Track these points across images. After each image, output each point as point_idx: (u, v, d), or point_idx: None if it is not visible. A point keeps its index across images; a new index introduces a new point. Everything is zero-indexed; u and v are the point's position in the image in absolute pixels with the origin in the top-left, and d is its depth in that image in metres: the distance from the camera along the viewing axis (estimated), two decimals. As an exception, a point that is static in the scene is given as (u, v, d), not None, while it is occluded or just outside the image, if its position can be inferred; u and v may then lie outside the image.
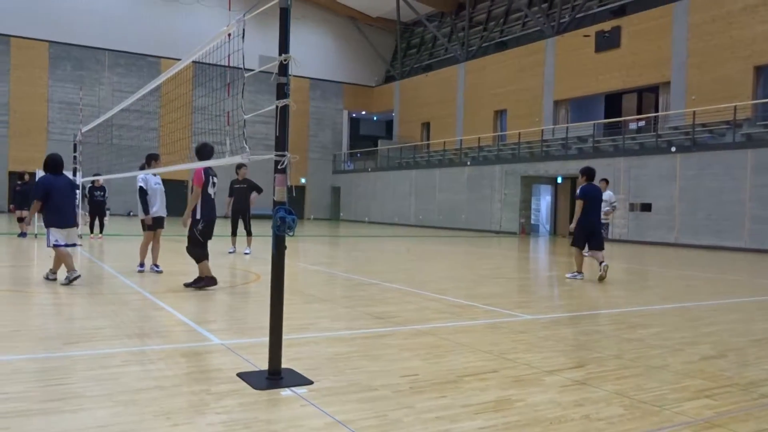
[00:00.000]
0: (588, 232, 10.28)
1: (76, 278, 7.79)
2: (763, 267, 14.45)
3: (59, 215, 7.91)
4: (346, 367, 4.33)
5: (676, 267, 13.93)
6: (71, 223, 8.08)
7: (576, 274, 10.29)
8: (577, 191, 10.45)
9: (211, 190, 8.01)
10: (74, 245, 8.39)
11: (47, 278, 8.18)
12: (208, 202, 7.95)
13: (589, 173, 10.42)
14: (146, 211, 9.37)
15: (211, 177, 8.01)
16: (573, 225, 10.45)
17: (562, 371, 4.38)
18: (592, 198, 10.24)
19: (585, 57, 27.59)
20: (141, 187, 9.29)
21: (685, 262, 15.09)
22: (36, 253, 12.26)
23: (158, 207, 9.46)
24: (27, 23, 32.29)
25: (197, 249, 7.88)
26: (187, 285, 7.87)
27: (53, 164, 8.07)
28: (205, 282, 7.82)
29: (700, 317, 6.98)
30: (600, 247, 10.29)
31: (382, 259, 14.39)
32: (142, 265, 9.51)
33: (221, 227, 10.63)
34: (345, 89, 41.98)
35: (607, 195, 14.56)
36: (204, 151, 7.59)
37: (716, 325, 6.48)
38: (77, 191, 14.87)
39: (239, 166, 12.95)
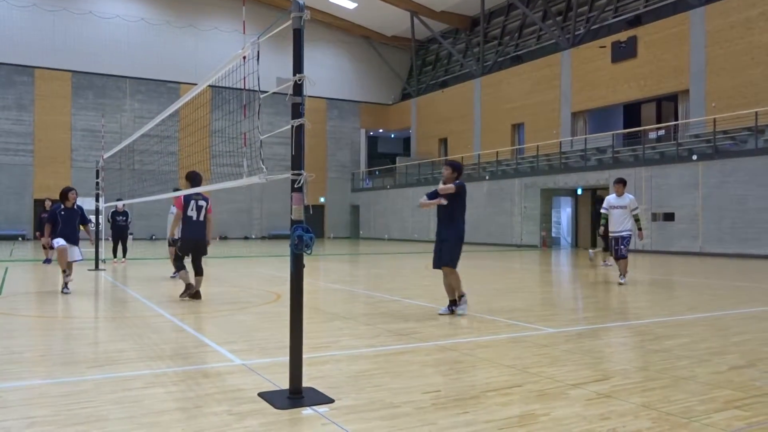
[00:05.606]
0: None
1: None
2: (792, 274, 14.14)
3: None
4: (367, 384, 4.31)
5: (702, 276, 13.70)
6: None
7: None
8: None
9: (192, 213, 8.91)
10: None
11: (63, 291, 9.64)
12: (187, 224, 8.92)
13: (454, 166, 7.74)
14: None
15: (192, 201, 8.90)
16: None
17: (587, 384, 4.31)
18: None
19: (601, 68, 27.48)
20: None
21: (711, 271, 14.83)
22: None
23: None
24: (50, 55, 33.01)
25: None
26: (181, 296, 8.93)
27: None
28: (185, 290, 8.87)
29: (727, 326, 6.83)
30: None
31: (402, 276, 14.34)
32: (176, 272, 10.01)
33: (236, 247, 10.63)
34: (362, 108, 42.22)
35: (627, 200, 11.53)
36: (195, 179, 8.89)
37: (745, 334, 6.34)
38: (100, 216, 15.06)
39: None
